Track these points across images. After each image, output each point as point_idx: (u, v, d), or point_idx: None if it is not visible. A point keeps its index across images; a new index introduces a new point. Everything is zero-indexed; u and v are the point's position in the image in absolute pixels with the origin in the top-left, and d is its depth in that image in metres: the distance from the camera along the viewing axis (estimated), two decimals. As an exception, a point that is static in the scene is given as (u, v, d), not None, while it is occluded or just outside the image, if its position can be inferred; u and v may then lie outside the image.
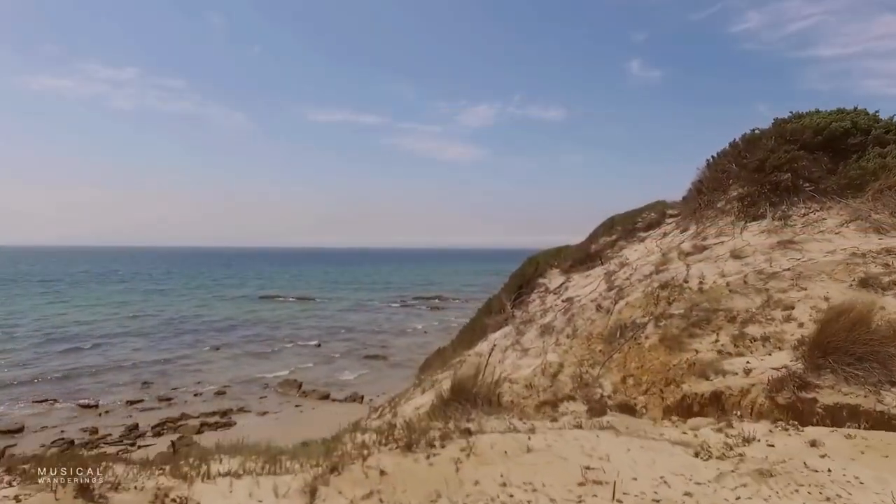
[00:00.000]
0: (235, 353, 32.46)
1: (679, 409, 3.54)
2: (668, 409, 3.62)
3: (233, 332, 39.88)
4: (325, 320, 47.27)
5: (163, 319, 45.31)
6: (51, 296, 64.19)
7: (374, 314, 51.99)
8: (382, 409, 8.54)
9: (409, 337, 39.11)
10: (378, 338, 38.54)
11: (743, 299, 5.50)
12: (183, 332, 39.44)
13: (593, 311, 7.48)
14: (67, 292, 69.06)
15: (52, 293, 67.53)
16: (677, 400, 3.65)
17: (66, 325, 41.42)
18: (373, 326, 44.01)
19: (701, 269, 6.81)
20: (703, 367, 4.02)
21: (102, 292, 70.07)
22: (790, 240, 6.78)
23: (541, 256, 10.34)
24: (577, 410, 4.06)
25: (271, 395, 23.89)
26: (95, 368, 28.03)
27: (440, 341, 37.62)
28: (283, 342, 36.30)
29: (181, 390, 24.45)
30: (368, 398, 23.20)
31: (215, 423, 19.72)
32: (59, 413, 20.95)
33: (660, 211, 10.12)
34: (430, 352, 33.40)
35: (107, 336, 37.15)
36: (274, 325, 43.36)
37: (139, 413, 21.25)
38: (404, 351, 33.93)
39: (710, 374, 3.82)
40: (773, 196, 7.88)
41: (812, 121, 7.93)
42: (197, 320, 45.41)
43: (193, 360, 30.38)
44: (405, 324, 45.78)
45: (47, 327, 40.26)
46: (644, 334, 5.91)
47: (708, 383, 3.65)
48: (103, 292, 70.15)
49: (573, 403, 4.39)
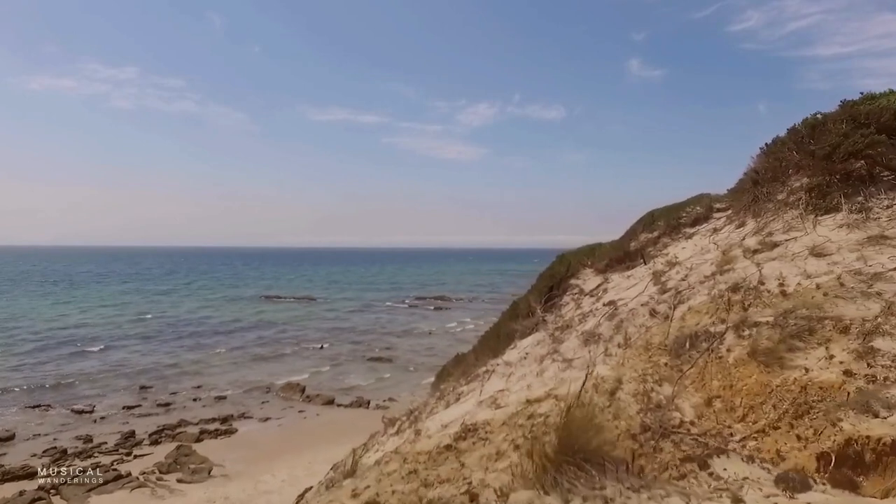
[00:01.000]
0: (237, 356, 31.56)
1: (844, 459, 2.58)
2: (823, 456, 2.66)
3: (235, 334, 38.98)
4: (328, 322, 46.35)
5: (163, 321, 44.42)
6: (51, 297, 63.42)
7: (378, 315, 51.06)
8: (400, 425, 7.52)
9: (415, 338, 38.18)
10: (383, 339, 37.61)
11: (850, 305, 4.56)
12: (184, 334, 38.54)
13: (646, 317, 6.51)
14: (68, 293, 68.30)
15: (52, 294, 66.77)
16: (840, 444, 2.68)
17: (65, 327, 40.58)
18: (377, 327, 43.09)
19: (777, 268, 5.86)
20: (857, 396, 3.09)
21: (103, 293, 69.28)
22: (881, 235, 5.85)
23: (572, 255, 9.38)
24: (746, 475, 2.78)
25: (274, 400, 22.96)
26: (92, 372, 27.13)
27: (446, 343, 36.80)
28: (286, 344, 35.40)
29: (181, 395, 23.54)
30: (375, 403, 22.29)
31: (215, 431, 18.78)
32: (52, 419, 20.04)
33: (706, 205, 9.20)
34: (436, 354, 32.54)
35: (106, 338, 36.28)
36: (277, 327, 42.44)
37: (136, 419, 20.33)
38: (410, 353, 33.05)
39: (877, 408, 2.88)
40: (846, 186, 6.98)
41: (890, 101, 7.00)
42: (198, 322, 44.52)
43: (194, 364, 29.48)
44: (410, 325, 44.85)
45: (46, 329, 39.43)
46: (724, 346, 4.95)
47: (884, 423, 2.70)
48: (104, 293, 69.36)
49: (732, 461, 3.04)
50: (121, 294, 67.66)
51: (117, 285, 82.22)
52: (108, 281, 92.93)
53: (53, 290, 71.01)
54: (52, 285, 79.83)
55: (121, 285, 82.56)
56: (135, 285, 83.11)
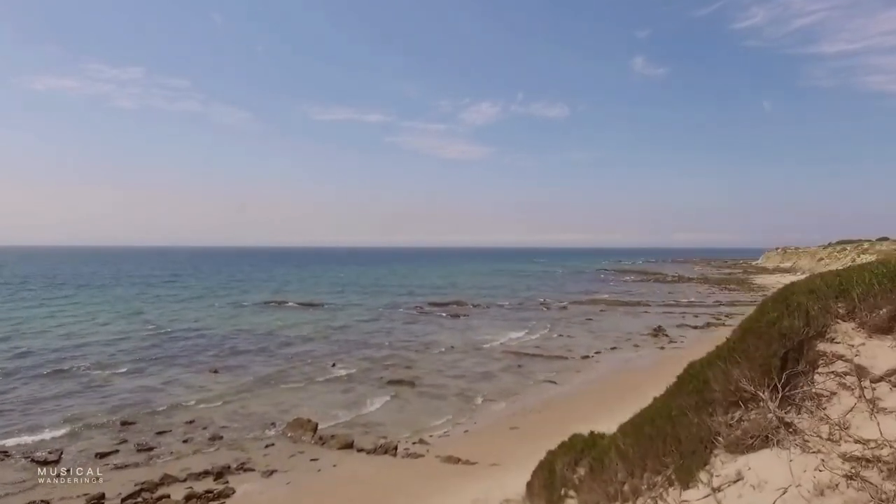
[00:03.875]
0: (237, 379, 27.65)
1: None
2: None
3: (235, 349, 35.09)
4: (338, 332, 42.44)
5: (158, 333, 40.57)
6: (46, 304, 59.70)
7: (391, 324, 47.14)
8: None
9: (435, 354, 34.20)
10: (400, 356, 33.67)
11: None
12: (178, 351, 34.67)
13: None
14: (56, 300, 64.53)
15: (40, 299, 63.00)
16: None
17: (47, 340, 36.78)
18: (391, 339, 39.17)
19: None
20: None
21: (97, 299, 65.57)
22: None
23: (805, 295, 5.37)
24: None
25: (279, 442, 18.99)
26: (66, 401, 23.25)
27: (472, 361, 32.77)
28: (291, 362, 31.49)
29: (168, 434, 19.59)
30: (403, 448, 18.32)
31: (207, 495, 14.76)
32: (4, 474, 16.11)
33: None
34: (464, 375, 28.58)
35: (90, 355, 32.42)
36: (282, 339, 38.54)
37: (110, 472, 16.36)
38: (433, 374, 29.08)
39: None
40: None
41: None
42: (196, 334, 40.67)
43: (186, 389, 25.59)
44: (427, 336, 40.90)
45: (24, 343, 35.61)
46: None
47: None
48: (99, 299, 65.66)
49: None
50: (117, 301, 63.92)
51: (113, 289, 78.53)
52: (107, 285, 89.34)
53: (43, 296, 67.26)
54: (50, 289, 76.16)
55: (118, 290, 78.89)
56: (133, 290, 79.45)
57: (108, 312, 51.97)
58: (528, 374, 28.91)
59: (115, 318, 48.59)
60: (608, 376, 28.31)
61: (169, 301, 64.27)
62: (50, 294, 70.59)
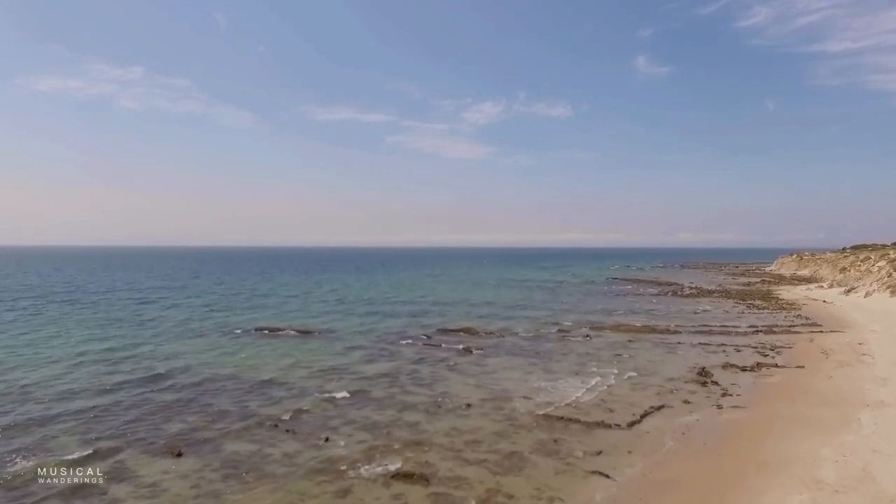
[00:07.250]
0: (204, 465, 21.60)
1: None
2: None
3: (207, 409, 28.98)
4: (332, 377, 36.44)
5: (115, 379, 34.48)
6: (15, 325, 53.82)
7: (394, 363, 41.13)
8: None
9: (449, 418, 28.13)
10: (404, 420, 27.67)
11: None
12: (135, 407, 28.63)
13: None
14: (15, 323, 58.59)
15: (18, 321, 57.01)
16: None
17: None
18: (395, 391, 33.20)
19: None
20: None
21: (47, 324, 59.66)
22: None
23: None
24: None
25: None
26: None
27: (492, 428, 26.47)
28: (272, 432, 25.47)
29: None
30: None
31: None
32: None
33: None
34: (486, 459, 22.22)
35: (18, 413, 26.27)
36: (264, 393, 32.45)
37: None
38: (450, 457, 22.91)
39: None
40: None
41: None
42: (163, 380, 34.65)
43: (138, 485, 19.53)
44: (437, 384, 34.94)
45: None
46: None
47: None
48: (48, 323, 59.77)
49: None
50: (76, 324, 57.97)
51: (71, 306, 72.59)
52: (63, 300, 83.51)
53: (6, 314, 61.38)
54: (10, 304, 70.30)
55: (84, 309, 72.96)
56: (99, 309, 73.50)
57: (56, 347, 46.00)
58: (566, 456, 22.78)
59: (63, 354, 42.58)
60: (670, 463, 22.22)
61: (142, 327, 58.38)
62: (32, 318, 64.68)
